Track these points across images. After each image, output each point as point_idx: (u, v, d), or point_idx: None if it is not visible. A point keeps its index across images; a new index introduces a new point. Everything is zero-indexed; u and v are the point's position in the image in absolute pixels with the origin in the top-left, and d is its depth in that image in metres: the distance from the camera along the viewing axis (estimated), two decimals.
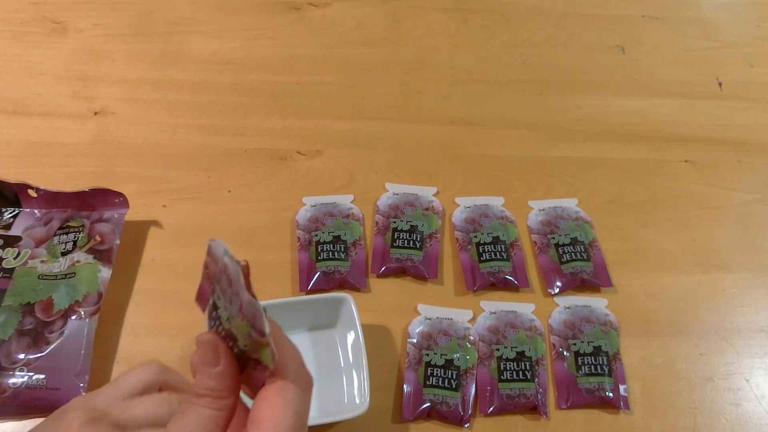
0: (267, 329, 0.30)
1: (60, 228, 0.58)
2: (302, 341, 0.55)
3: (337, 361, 0.55)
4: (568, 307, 0.59)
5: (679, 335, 0.59)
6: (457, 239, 0.63)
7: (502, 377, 0.55)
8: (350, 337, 0.55)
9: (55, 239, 0.57)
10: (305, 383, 0.33)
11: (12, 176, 0.58)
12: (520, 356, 0.56)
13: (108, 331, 0.55)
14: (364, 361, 0.51)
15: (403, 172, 0.68)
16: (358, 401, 0.51)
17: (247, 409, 0.34)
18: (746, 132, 0.74)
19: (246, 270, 0.31)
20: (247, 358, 0.33)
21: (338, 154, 0.68)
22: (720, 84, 0.79)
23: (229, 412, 0.33)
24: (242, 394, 0.34)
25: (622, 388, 0.55)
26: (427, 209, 0.64)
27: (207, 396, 0.32)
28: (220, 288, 0.32)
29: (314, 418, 0.51)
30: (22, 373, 0.50)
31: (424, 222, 0.63)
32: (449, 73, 0.77)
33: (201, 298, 0.36)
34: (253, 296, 0.30)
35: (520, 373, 0.55)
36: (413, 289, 0.60)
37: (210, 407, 0.32)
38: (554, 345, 0.57)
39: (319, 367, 0.54)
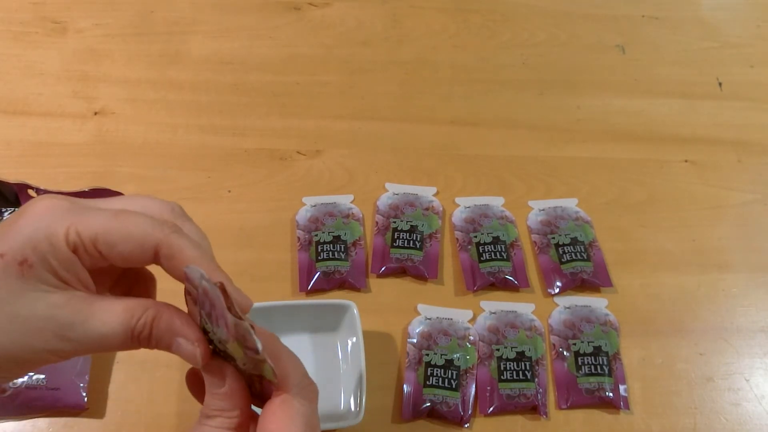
0: (259, 346, 0.29)
1: None
2: (303, 344, 0.55)
3: (337, 366, 0.54)
4: (568, 307, 0.59)
5: (679, 335, 0.59)
6: (457, 239, 0.63)
7: (502, 377, 0.55)
8: (351, 344, 0.54)
9: None
10: (311, 393, 0.33)
11: (12, 176, 0.58)
12: (520, 356, 0.56)
13: None
14: (363, 372, 0.51)
15: (403, 172, 0.68)
16: (353, 410, 0.51)
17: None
18: (746, 132, 0.74)
19: (223, 290, 0.29)
20: (251, 375, 0.33)
21: (338, 154, 0.68)
22: (720, 84, 0.79)
23: (242, 430, 0.32)
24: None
25: (622, 388, 0.55)
26: (427, 209, 0.64)
27: (218, 416, 0.31)
28: (205, 312, 0.31)
29: None
30: None
31: (424, 222, 0.63)
32: (449, 73, 0.77)
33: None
34: (238, 316, 0.29)
35: (520, 373, 0.55)
36: (413, 289, 0.60)
37: (222, 427, 0.31)
38: (554, 345, 0.57)
39: (318, 371, 0.54)
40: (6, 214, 0.59)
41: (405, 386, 0.54)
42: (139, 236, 0.30)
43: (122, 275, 0.35)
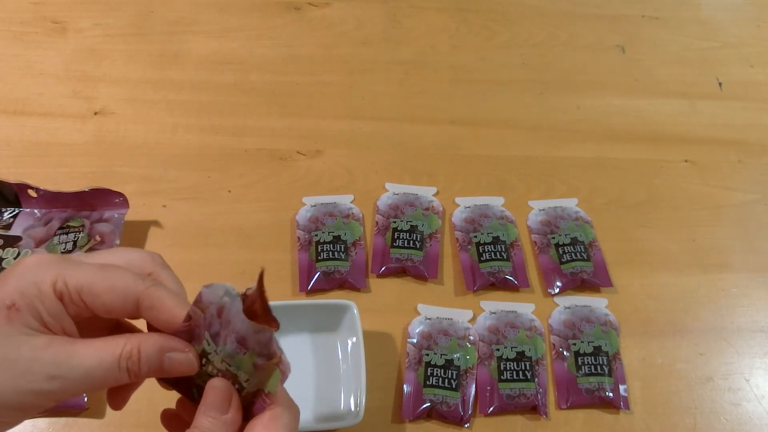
0: (278, 350, 0.31)
1: (60, 228, 0.58)
2: (303, 344, 0.55)
3: (337, 366, 0.54)
4: (568, 307, 0.59)
5: (679, 335, 0.59)
6: (457, 239, 0.63)
7: (502, 377, 0.55)
8: (351, 344, 0.54)
9: (56, 239, 0.57)
10: (296, 411, 0.34)
11: (12, 176, 0.58)
12: (520, 356, 0.56)
13: None
14: (363, 372, 0.51)
15: (403, 172, 0.68)
16: (353, 410, 0.51)
17: None
18: (746, 132, 0.74)
19: (260, 281, 0.31)
20: (243, 397, 0.33)
21: (338, 154, 0.68)
22: (720, 84, 0.79)
23: None
24: None
25: (622, 388, 0.55)
26: (427, 209, 0.64)
27: None
28: (210, 333, 0.32)
29: (308, 422, 0.51)
30: None
31: (424, 222, 0.63)
32: (449, 73, 0.77)
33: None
34: (263, 315, 0.31)
35: (520, 373, 0.55)
36: (413, 289, 0.60)
37: None
38: (554, 345, 0.57)
39: (318, 371, 0.54)
40: (6, 214, 0.59)
41: (405, 386, 0.54)
42: (121, 288, 0.32)
43: (114, 330, 0.37)
